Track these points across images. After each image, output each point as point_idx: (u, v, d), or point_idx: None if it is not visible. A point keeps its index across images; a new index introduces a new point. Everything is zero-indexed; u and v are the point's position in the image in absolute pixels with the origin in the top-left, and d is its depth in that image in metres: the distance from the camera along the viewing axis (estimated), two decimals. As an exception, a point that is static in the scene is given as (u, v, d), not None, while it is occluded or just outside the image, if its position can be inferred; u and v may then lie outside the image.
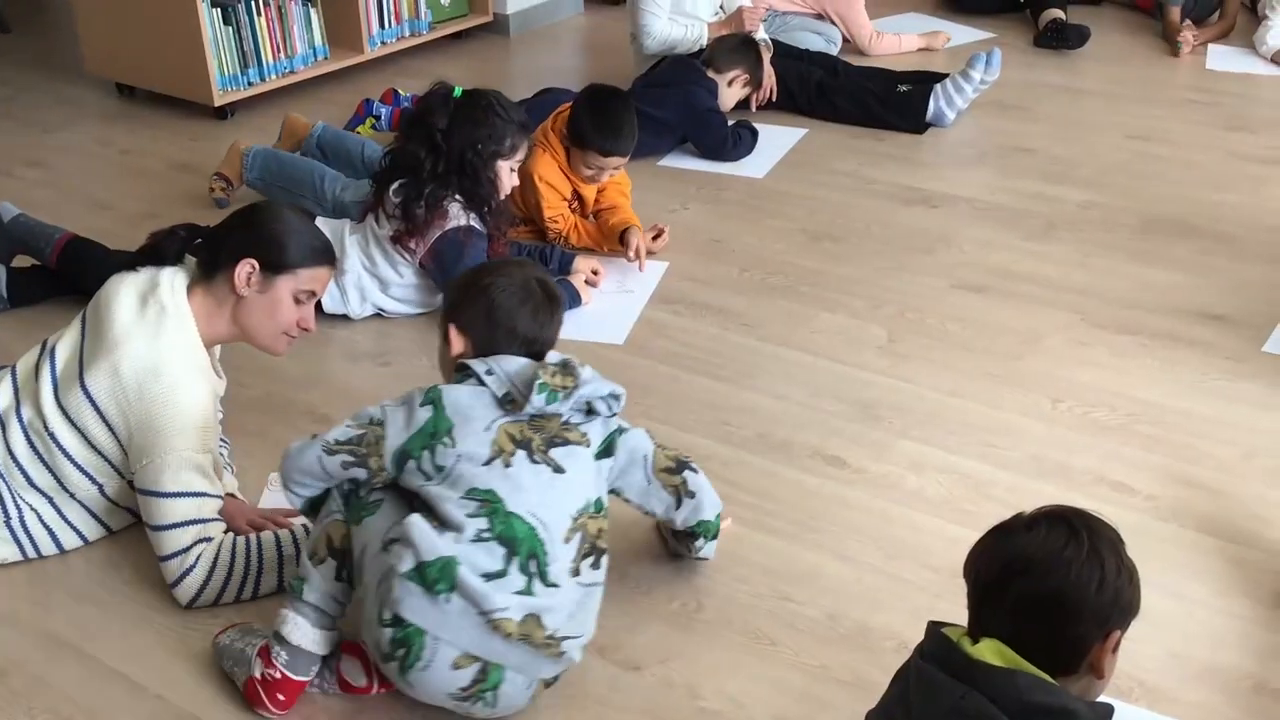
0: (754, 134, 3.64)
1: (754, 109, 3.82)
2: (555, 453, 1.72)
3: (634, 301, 2.87)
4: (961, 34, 4.55)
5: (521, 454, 1.70)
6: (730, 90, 3.68)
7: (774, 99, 3.84)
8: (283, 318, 2.04)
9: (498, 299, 1.80)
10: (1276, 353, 2.61)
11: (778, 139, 3.75)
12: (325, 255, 2.07)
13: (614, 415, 1.83)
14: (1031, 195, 3.37)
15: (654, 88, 3.59)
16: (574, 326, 2.53)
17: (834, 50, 4.29)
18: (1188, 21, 4.44)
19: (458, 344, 1.83)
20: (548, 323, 1.84)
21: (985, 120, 3.85)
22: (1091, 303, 2.83)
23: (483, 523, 1.66)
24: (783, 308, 2.86)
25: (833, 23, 4.38)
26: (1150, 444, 2.35)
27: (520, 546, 1.66)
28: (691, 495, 1.92)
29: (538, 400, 1.71)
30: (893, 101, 3.82)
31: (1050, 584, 1.30)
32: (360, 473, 1.72)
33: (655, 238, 3.08)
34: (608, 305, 2.85)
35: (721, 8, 4.04)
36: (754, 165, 3.58)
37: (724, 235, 3.21)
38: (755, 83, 3.74)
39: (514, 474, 1.69)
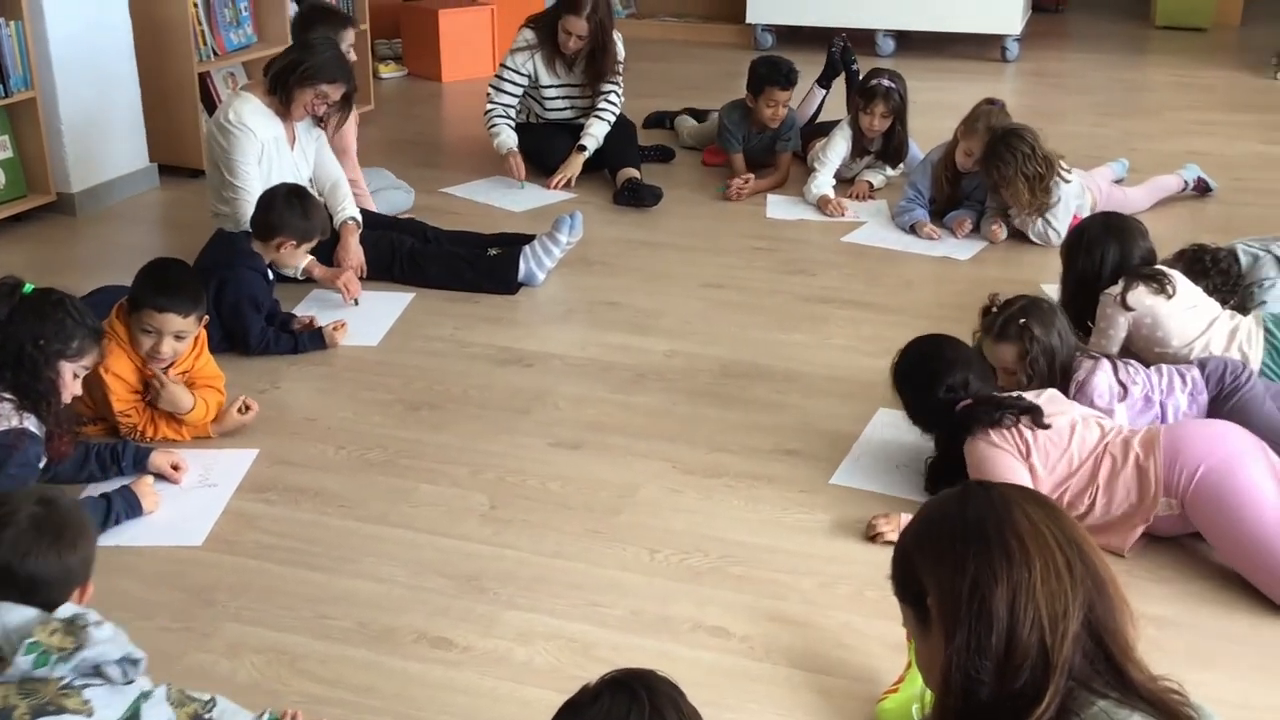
0: (295, 339, 3.42)
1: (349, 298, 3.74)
2: None
3: (218, 495, 2.70)
4: (544, 196, 4.73)
5: None
6: (284, 255, 3.50)
7: (364, 275, 3.81)
8: None
9: None
10: (843, 484, 2.81)
11: (388, 305, 3.72)
12: None
13: (131, 682, 1.65)
14: (619, 348, 3.51)
15: (203, 271, 3.39)
16: (145, 532, 2.36)
17: (409, 200, 4.37)
18: (749, 176, 4.84)
19: None
20: (53, 562, 1.64)
21: (573, 277, 4.00)
22: (680, 449, 2.96)
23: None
24: (382, 483, 2.80)
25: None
26: (741, 584, 2.46)
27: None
28: None
29: (23, 662, 1.51)
30: (483, 265, 3.90)
31: None
32: None
33: (243, 411, 2.95)
34: (186, 503, 2.67)
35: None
36: (368, 333, 3.53)
37: (319, 412, 3.12)
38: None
39: None
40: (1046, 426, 2.52)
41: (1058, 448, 2.52)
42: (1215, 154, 5.15)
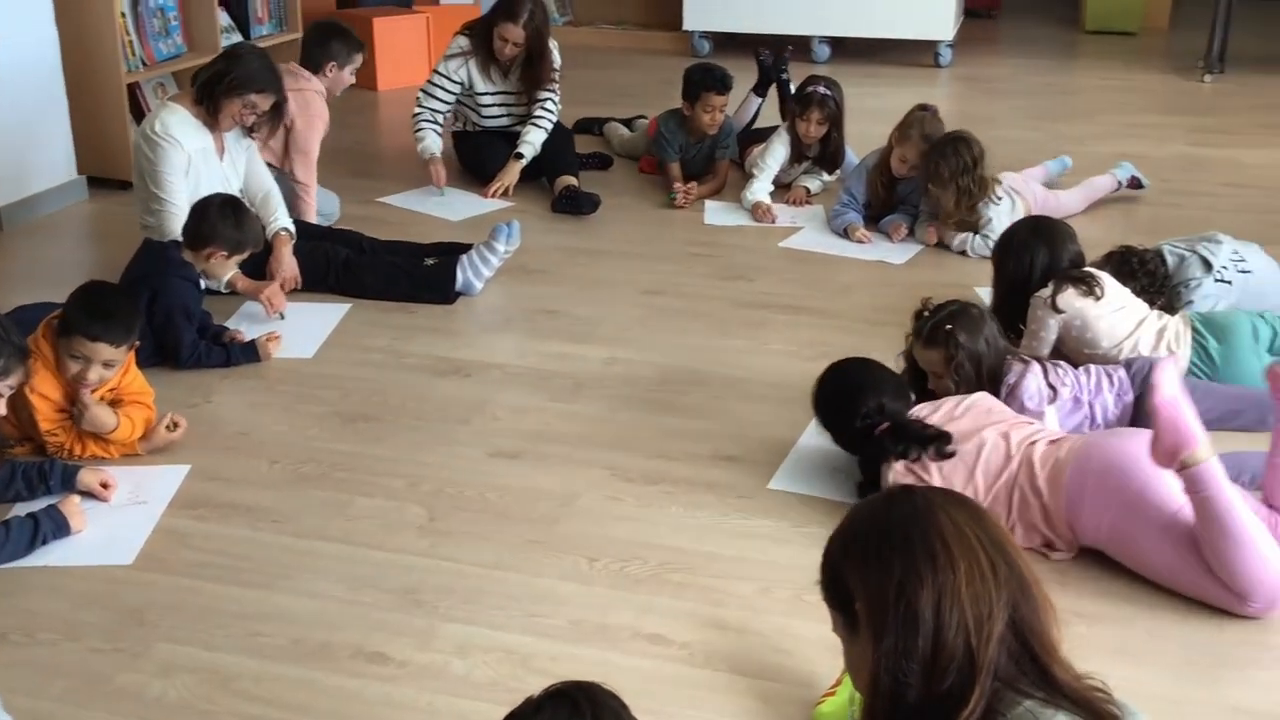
0: (227, 352, 3.37)
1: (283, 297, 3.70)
2: None
3: (148, 513, 2.65)
4: (482, 204, 4.71)
5: None
6: (213, 265, 3.45)
7: (299, 286, 3.78)
8: None
9: None
10: (780, 488, 2.82)
11: (323, 316, 3.69)
12: None
13: None
14: (558, 356, 3.50)
15: (133, 283, 3.31)
16: (73, 551, 2.31)
17: (335, 208, 4.33)
18: (692, 184, 4.86)
19: None
20: None
21: (512, 286, 3.99)
22: (620, 457, 2.95)
23: None
24: (317, 498, 2.76)
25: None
26: (680, 591, 2.46)
27: None
28: None
29: None
30: (420, 275, 3.88)
31: None
32: None
33: (171, 429, 2.91)
34: (116, 521, 2.61)
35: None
36: (303, 345, 3.49)
37: (252, 426, 3.08)
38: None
39: None
40: (949, 455, 2.54)
41: (960, 476, 2.54)
42: (1145, 156, 5.23)
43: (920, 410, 2.69)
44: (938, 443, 2.55)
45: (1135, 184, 4.73)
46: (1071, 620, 2.32)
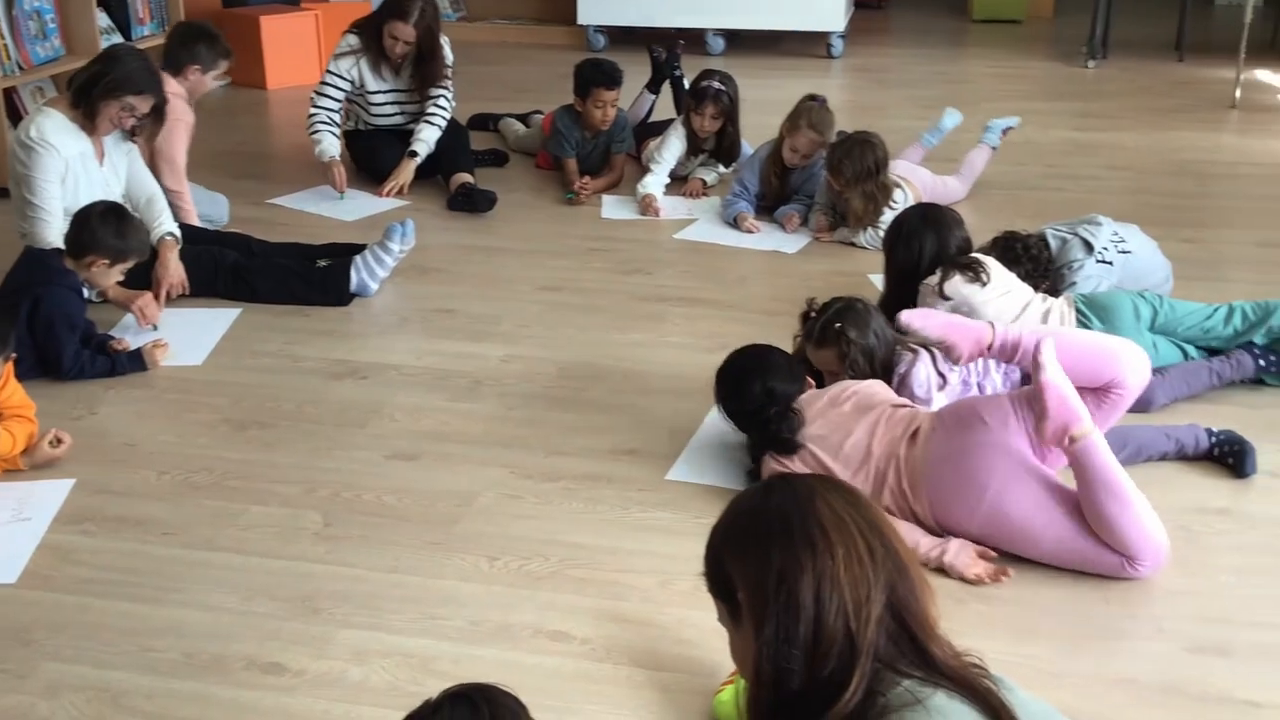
0: (112, 361, 3.28)
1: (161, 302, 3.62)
2: None
3: (32, 529, 2.57)
4: (376, 204, 4.65)
5: None
6: (95, 274, 3.36)
7: (187, 291, 3.69)
8: None
9: None
10: (679, 479, 2.84)
11: (212, 322, 3.61)
12: None
13: None
14: (456, 355, 3.47)
15: (13, 293, 3.23)
16: (-50, 574, 2.23)
17: (223, 212, 4.23)
18: (585, 177, 4.85)
19: None
20: None
21: (408, 286, 3.95)
22: (519, 455, 2.94)
23: None
24: (208, 507, 2.71)
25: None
26: (581, 586, 2.45)
27: None
28: None
29: None
30: (313, 277, 3.81)
31: None
32: None
33: (54, 445, 2.83)
34: (-1, 539, 2.54)
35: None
36: (191, 352, 3.41)
37: (139, 437, 3.00)
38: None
39: None
40: (795, 450, 2.61)
41: (824, 468, 2.59)
42: (1031, 142, 5.37)
43: (808, 397, 2.72)
44: (782, 446, 2.62)
45: (1007, 131, 4.81)
46: (968, 600, 2.39)
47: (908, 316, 2.63)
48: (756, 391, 2.73)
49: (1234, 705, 2.12)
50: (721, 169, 4.91)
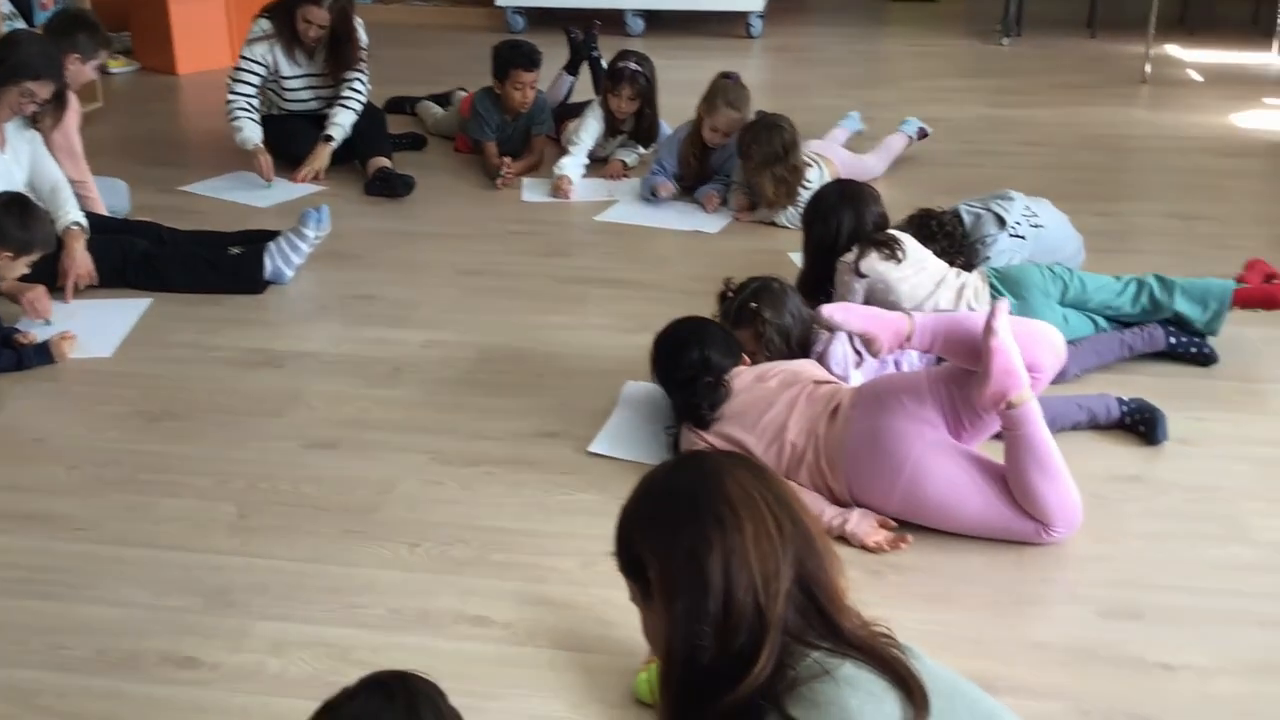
0: (18, 355, 3.20)
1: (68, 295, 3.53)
2: None
3: (-66, 530, 2.51)
4: (291, 189, 4.57)
5: None
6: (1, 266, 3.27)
7: (95, 282, 3.60)
8: None
9: None
10: (601, 451, 2.83)
11: (123, 313, 3.53)
12: None
13: None
14: (375, 341, 3.43)
15: None
16: None
17: (124, 200, 4.14)
18: (504, 158, 4.81)
19: None
20: None
21: (325, 272, 3.89)
22: (440, 440, 2.92)
23: None
24: (119, 502, 2.65)
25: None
26: (503, 571, 2.44)
27: None
28: None
29: None
30: (227, 265, 3.74)
31: None
32: None
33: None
34: (-102, 541, 2.47)
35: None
36: (100, 344, 3.33)
37: (48, 431, 2.93)
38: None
39: None
40: (708, 424, 2.64)
41: (740, 444, 2.60)
42: (947, 119, 5.42)
43: (740, 371, 2.73)
44: (697, 419, 2.63)
45: (922, 134, 4.89)
46: (884, 572, 2.42)
47: (828, 311, 2.63)
48: (694, 359, 2.72)
49: (1146, 667, 2.16)
50: (641, 150, 4.89)
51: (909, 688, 1.21)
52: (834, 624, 1.27)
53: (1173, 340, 3.18)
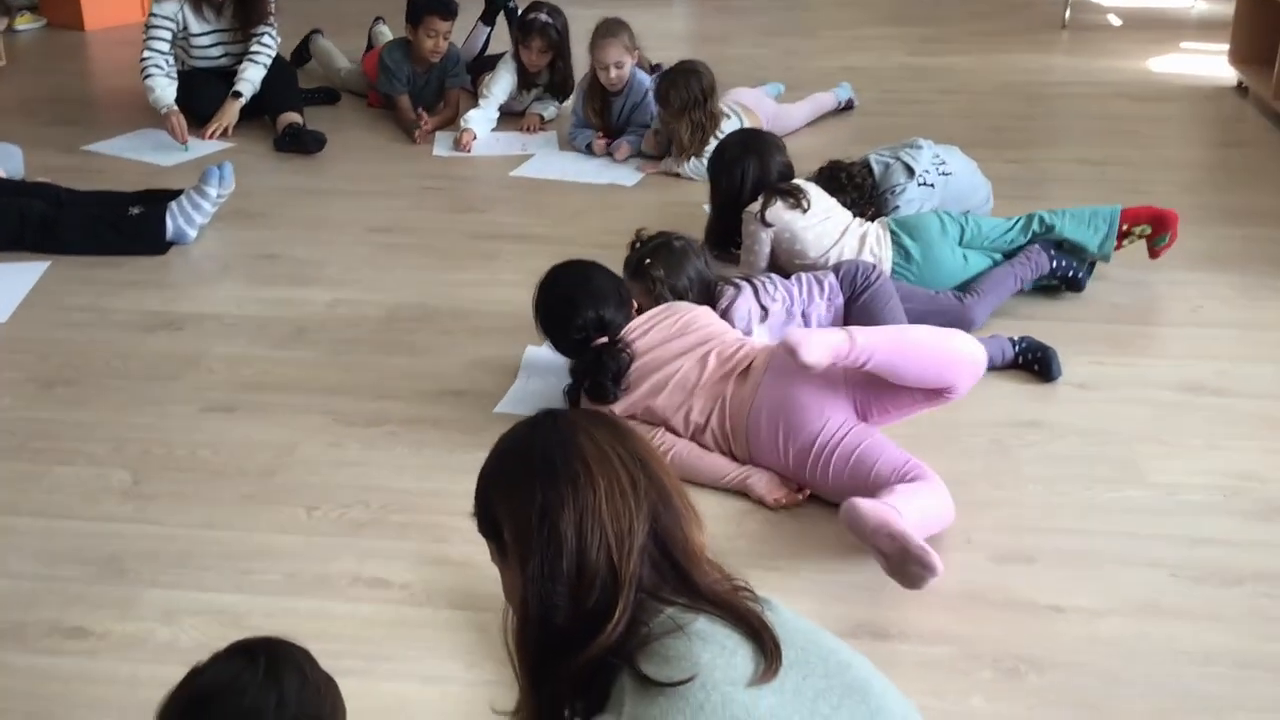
0: None
1: None
2: None
3: None
4: (200, 146, 4.47)
5: None
6: None
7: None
8: None
9: None
10: (507, 412, 2.81)
11: (18, 277, 3.44)
12: None
13: None
14: (279, 301, 3.37)
15: None
16: None
17: (17, 164, 4.02)
18: (420, 110, 4.73)
19: None
20: None
21: (230, 231, 3.81)
22: (342, 401, 2.88)
23: None
24: (11, 470, 2.59)
25: None
26: (403, 532, 2.42)
27: None
28: None
29: None
30: (127, 226, 3.65)
31: (228, 712, 1.33)
32: None
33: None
34: None
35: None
36: (-5, 308, 3.25)
37: (-63, 402, 2.86)
38: None
39: None
40: (617, 396, 2.58)
41: (645, 402, 2.58)
42: (868, 68, 5.42)
43: (639, 321, 2.68)
44: (601, 395, 2.59)
45: (849, 105, 4.88)
46: (784, 522, 2.43)
47: (803, 353, 2.36)
48: (588, 319, 2.64)
49: (1036, 610, 2.19)
50: (558, 104, 4.83)
51: (762, 640, 1.21)
52: (689, 579, 1.26)
53: (1054, 264, 3.19)
